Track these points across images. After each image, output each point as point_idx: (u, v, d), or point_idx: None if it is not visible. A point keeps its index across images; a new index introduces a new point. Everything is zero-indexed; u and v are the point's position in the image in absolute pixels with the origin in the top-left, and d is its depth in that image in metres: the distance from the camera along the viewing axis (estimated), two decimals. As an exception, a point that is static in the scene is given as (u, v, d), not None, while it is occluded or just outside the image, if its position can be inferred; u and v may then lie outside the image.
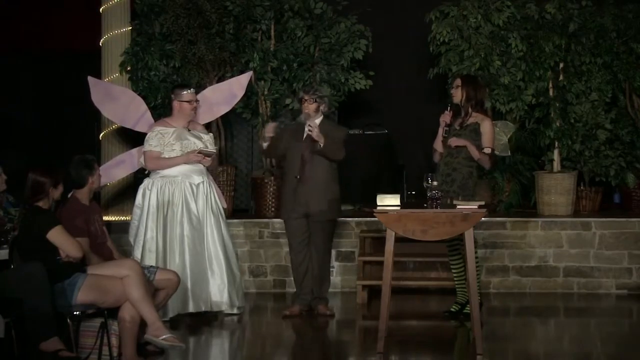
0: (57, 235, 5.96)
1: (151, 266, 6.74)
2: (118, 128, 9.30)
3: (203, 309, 7.50)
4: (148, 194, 7.55)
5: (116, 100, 8.45)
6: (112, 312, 6.04)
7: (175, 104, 7.61)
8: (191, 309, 7.45)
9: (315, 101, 7.60)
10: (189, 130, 7.60)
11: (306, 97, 7.61)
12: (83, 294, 5.88)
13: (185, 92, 7.60)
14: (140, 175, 8.78)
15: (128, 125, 8.43)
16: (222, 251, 7.57)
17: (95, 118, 9.53)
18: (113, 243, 6.89)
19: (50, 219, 6.01)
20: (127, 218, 9.26)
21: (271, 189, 9.41)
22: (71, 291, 5.86)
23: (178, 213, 7.48)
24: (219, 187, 8.77)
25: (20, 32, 11.10)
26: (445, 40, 9.46)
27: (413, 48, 10.26)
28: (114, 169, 8.61)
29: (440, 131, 7.34)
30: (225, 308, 7.57)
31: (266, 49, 9.47)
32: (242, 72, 9.42)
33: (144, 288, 5.97)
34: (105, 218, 8.38)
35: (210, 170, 7.95)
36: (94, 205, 6.78)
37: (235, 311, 7.67)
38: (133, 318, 5.92)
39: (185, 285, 7.39)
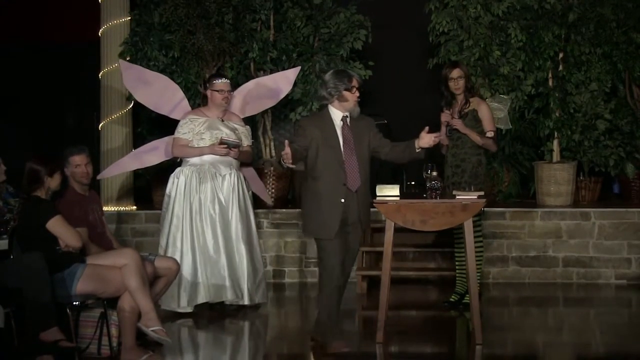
0: (56, 225, 5.95)
1: (150, 253, 6.74)
2: (118, 117, 9.29)
3: (221, 299, 7.44)
4: (176, 182, 7.51)
5: (150, 85, 8.21)
6: (112, 302, 6.04)
7: (208, 92, 7.57)
8: (207, 298, 7.38)
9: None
10: (222, 121, 7.56)
11: (357, 85, 6.11)
12: (82, 284, 5.87)
13: (217, 81, 7.52)
14: (139, 171, 8.77)
15: (163, 112, 8.19)
16: (245, 245, 7.49)
17: (95, 108, 9.53)
18: (112, 233, 6.88)
19: (49, 209, 6.00)
20: (126, 209, 9.26)
21: (271, 180, 9.41)
22: (71, 281, 5.86)
23: (208, 199, 7.41)
24: (262, 181, 8.74)
25: (20, 21, 11.08)
26: (444, 31, 9.45)
27: (412, 38, 10.24)
28: (147, 155, 8.29)
29: (444, 130, 7.36)
30: (244, 302, 7.48)
31: (265, 39, 9.45)
32: (241, 62, 9.42)
33: (141, 277, 5.96)
34: (104, 208, 8.33)
35: (249, 164, 7.96)
36: (92, 195, 6.77)
37: (256, 302, 7.59)
38: (132, 308, 5.92)
39: (204, 275, 7.38)
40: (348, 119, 6.11)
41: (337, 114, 6.11)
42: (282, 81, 8.45)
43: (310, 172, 6.07)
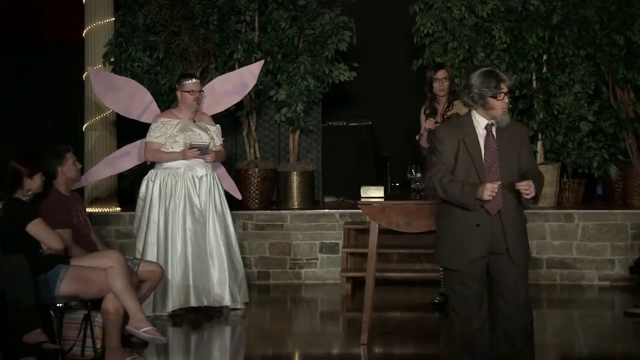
0: (36, 228, 5.92)
1: (134, 258, 6.72)
2: (102, 119, 9.27)
3: (205, 303, 7.43)
4: (151, 185, 7.47)
5: (119, 90, 8.22)
6: (96, 304, 6.02)
7: (179, 94, 7.54)
8: (193, 303, 7.38)
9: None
10: (194, 122, 7.53)
11: (506, 89, 5.08)
12: (66, 285, 5.86)
13: (187, 82, 7.48)
14: (124, 172, 8.75)
15: (133, 117, 8.19)
16: (224, 246, 7.47)
17: (78, 109, 9.50)
18: (96, 235, 6.87)
19: (29, 212, 5.97)
20: (111, 210, 9.24)
21: (256, 181, 9.40)
22: (54, 282, 5.85)
23: (180, 206, 7.38)
24: (233, 179, 8.74)
25: (3, 22, 11.02)
26: (429, 32, 9.46)
27: (397, 40, 10.26)
28: (120, 160, 8.36)
29: (426, 135, 7.36)
30: (226, 303, 7.47)
31: (250, 41, 9.44)
32: (226, 63, 9.41)
33: (126, 279, 5.95)
34: (88, 210, 8.31)
35: (222, 162, 7.93)
36: (75, 196, 6.76)
37: (238, 306, 7.58)
38: (117, 310, 5.91)
39: (187, 278, 7.35)
40: (494, 128, 5.10)
41: (481, 122, 5.10)
42: (248, 75, 8.46)
43: None
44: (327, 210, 9.17)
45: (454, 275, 5.09)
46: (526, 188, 4.92)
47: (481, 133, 5.07)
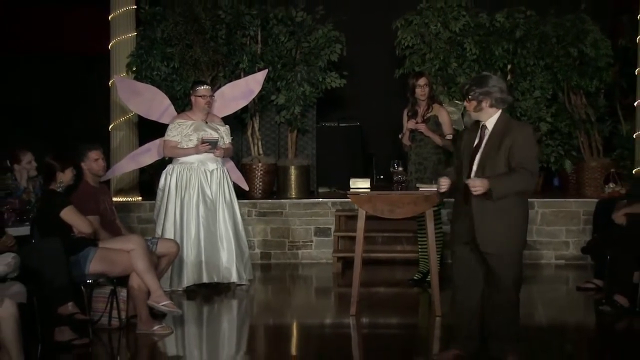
0: (69, 215, 5.93)
1: (153, 237, 6.73)
2: (125, 120, 9.27)
3: (215, 279, 7.45)
4: (169, 178, 7.49)
5: (140, 95, 8.26)
6: (120, 281, 6.04)
7: (192, 98, 7.55)
8: (205, 279, 7.41)
9: (473, 99, 4.97)
10: (206, 123, 7.54)
11: (465, 92, 5.04)
12: (94, 265, 5.88)
13: (199, 88, 7.50)
14: (144, 167, 8.76)
15: (153, 118, 8.21)
16: (232, 230, 7.49)
17: (105, 112, 9.49)
18: (121, 221, 6.87)
19: (62, 201, 5.98)
20: (133, 199, 9.24)
21: (259, 174, 9.41)
22: (84, 263, 5.86)
23: (194, 196, 7.40)
24: (241, 172, 8.74)
25: (43, 36, 11.01)
26: (409, 45, 9.46)
27: (381, 51, 10.25)
28: (142, 156, 8.42)
29: (407, 133, 7.38)
30: (234, 280, 7.49)
31: (254, 52, 9.44)
32: (232, 72, 9.40)
33: (147, 260, 5.98)
34: (114, 199, 8.30)
35: (230, 158, 7.92)
36: (102, 187, 6.78)
37: (244, 282, 7.60)
38: (140, 286, 5.94)
39: (199, 258, 7.38)
40: (486, 129, 4.97)
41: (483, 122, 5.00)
42: (253, 83, 8.47)
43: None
44: (320, 199, 9.18)
45: (452, 254, 5.09)
46: (472, 185, 4.77)
47: (485, 132, 4.95)
